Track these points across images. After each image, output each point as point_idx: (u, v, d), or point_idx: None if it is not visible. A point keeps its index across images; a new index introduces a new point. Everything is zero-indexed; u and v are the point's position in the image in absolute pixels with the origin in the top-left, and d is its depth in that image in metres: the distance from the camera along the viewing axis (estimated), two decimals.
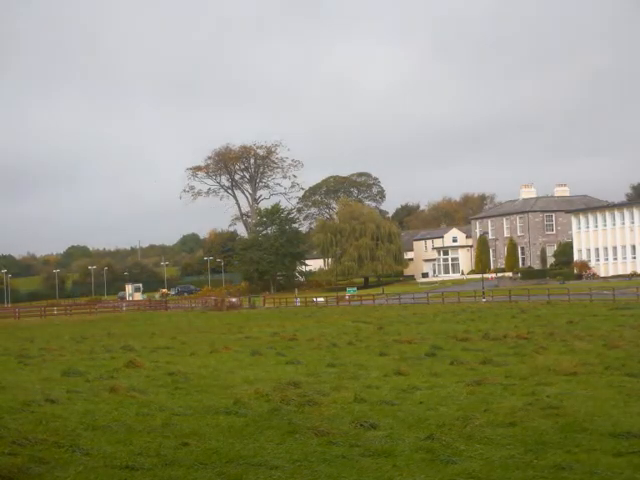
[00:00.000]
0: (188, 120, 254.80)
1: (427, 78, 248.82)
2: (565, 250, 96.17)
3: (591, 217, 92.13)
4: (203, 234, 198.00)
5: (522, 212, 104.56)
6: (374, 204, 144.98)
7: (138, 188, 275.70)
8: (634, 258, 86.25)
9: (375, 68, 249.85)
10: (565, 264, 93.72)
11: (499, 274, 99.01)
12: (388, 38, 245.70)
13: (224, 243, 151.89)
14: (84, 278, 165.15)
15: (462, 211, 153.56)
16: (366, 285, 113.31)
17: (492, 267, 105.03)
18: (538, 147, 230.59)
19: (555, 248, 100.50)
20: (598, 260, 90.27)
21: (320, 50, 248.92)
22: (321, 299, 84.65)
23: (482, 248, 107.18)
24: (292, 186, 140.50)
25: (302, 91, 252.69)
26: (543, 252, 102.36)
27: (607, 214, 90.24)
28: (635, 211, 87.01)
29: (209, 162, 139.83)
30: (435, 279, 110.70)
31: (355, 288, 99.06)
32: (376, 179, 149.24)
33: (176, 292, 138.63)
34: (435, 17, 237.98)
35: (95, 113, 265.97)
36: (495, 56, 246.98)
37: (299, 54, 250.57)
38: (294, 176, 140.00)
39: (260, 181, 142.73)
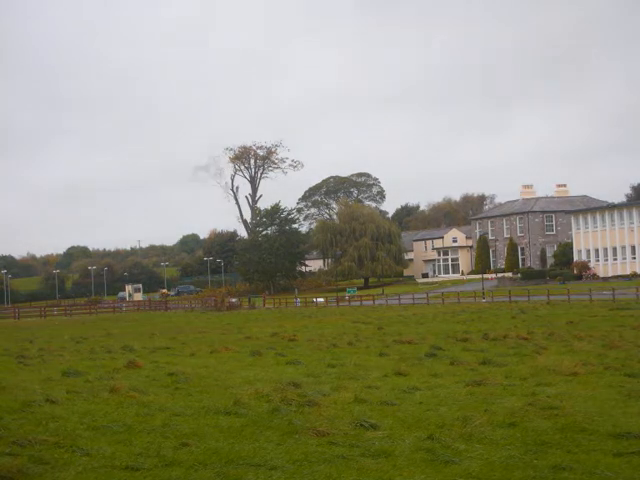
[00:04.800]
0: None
1: None
2: (565, 250, 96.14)
3: (591, 217, 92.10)
4: (203, 234, 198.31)
5: (522, 212, 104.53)
6: (374, 204, 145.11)
7: (138, 188, 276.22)
8: (634, 258, 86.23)
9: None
10: (565, 264, 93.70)
11: (499, 274, 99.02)
12: None
13: (224, 243, 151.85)
14: (84, 278, 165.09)
15: (462, 211, 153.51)
16: (366, 286, 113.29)
17: (492, 267, 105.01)
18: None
19: (555, 248, 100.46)
20: (598, 260, 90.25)
21: None
22: (321, 299, 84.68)
23: (482, 248, 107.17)
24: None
25: None
26: (543, 252, 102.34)
27: (607, 214, 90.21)
28: (635, 211, 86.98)
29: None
30: (435, 279, 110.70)
31: (355, 288, 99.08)
32: (376, 179, 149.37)
33: (175, 293, 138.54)
34: None
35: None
36: None
37: None
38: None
39: (260, 181, 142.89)
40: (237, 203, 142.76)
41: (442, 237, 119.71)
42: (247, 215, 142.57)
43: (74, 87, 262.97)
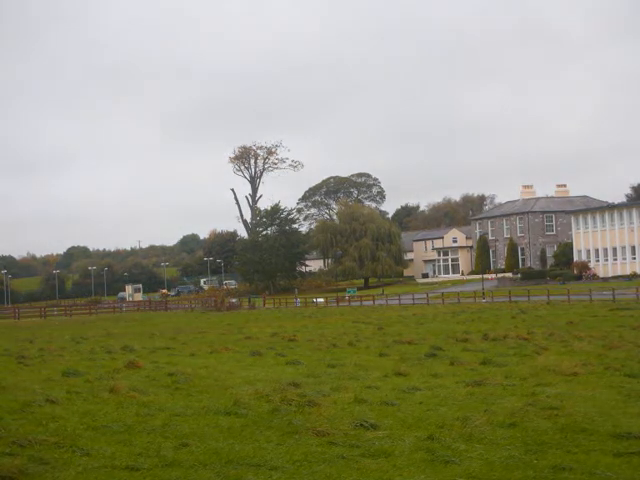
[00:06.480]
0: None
1: None
2: (565, 251, 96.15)
3: (591, 218, 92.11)
4: (203, 234, 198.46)
5: (522, 213, 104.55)
6: (374, 204, 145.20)
7: (138, 188, 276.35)
8: (634, 259, 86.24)
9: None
10: (565, 265, 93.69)
11: (499, 275, 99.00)
12: None
13: (224, 244, 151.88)
14: (84, 279, 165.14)
15: (462, 211, 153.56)
16: (366, 286, 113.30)
17: (492, 268, 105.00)
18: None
19: (555, 249, 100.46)
20: (598, 261, 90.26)
21: None
22: (321, 300, 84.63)
23: (482, 249, 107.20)
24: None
25: None
26: (543, 253, 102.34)
27: (607, 215, 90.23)
28: (635, 212, 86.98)
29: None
30: (435, 280, 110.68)
31: (355, 289, 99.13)
32: (376, 179, 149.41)
33: (175, 293, 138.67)
34: None
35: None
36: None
37: None
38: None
39: (260, 181, 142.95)
40: (237, 203, 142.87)
41: (442, 237, 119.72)
42: (247, 215, 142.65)
43: (74, 90, 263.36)
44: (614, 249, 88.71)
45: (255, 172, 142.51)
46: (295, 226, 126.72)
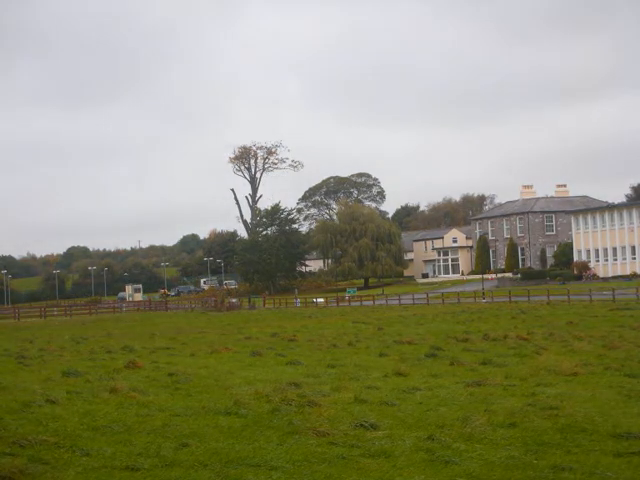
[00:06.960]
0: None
1: None
2: (565, 251, 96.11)
3: (591, 218, 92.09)
4: (203, 234, 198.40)
5: (522, 213, 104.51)
6: (374, 204, 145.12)
7: (138, 188, 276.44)
8: (634, 259, 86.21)
9: None
10: (565, 265, 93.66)
11: (499, 275, 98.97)
12: None
13: (224, 244, 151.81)
14: (84, 279, 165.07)
15: (462, 211, 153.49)
16: (366, 286, 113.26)
17: (492, 268, 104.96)
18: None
19: (555, 249, 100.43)
20: (598, 261, 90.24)
21: None
22: (321, 300, 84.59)
23: (482, 249, 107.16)
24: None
25: None
26: (543, 253, 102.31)
27: (607, 215, 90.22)
28: (635, 212, 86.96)
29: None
30: (435, 280, 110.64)
31: (355, 289, 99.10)
32: (376, 179, 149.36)
33: (175, 293, 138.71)
34: None
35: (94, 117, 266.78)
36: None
37: None
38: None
39: (260, 181, 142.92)
40: (237, 203, 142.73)
41: (442, 237, 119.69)
42: (247, 215, 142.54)
43: (74, 90, 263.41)
44: (614, 249, 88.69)
45: (255, 172, 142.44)
46: (295, 226, 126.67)
